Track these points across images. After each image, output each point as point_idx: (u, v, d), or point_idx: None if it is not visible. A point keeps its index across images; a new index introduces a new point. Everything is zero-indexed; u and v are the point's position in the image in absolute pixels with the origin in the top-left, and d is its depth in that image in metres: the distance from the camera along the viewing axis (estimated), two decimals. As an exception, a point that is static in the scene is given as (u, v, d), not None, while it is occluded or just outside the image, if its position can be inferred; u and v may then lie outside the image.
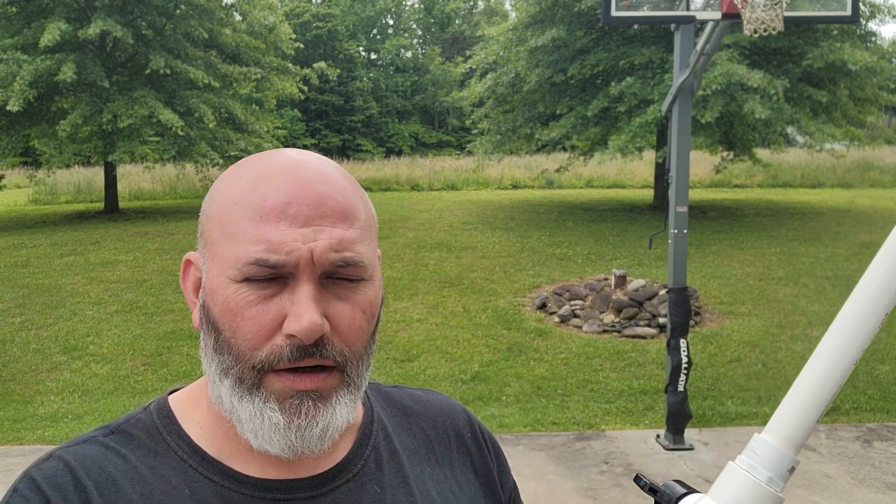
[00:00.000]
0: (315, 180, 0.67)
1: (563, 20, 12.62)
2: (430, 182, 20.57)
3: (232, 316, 0.65)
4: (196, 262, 0.72)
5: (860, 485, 4.16)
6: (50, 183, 18.81)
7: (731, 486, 0.63)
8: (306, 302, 0.64)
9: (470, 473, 0.83)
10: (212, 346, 0.68)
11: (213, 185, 0.72)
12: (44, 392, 5.95)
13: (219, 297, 0.66)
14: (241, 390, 0.66)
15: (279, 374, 0.65)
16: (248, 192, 0.66)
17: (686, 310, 4.65)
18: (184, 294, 0.74)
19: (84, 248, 11.08)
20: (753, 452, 0.64)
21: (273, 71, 16.38)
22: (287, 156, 0.70)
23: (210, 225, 0.69)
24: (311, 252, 0.64)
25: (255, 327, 0.65)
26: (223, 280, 0.66)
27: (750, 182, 20.11)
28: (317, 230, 0.65)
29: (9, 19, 13.95)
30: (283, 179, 0.66)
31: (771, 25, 3.94)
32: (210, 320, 0.68)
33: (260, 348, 0.65)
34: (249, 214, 0.65)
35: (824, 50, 11.33)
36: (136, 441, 0.72)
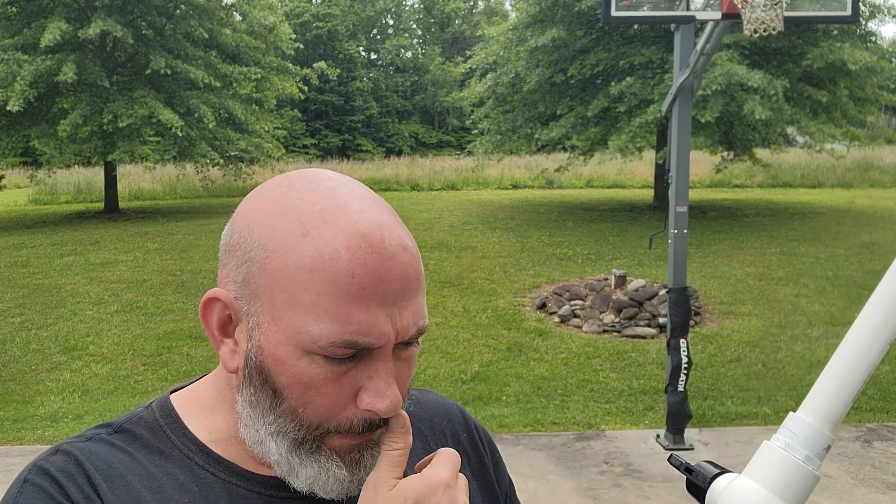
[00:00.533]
0: (398, 250, 0.63)
1: (563, 20, 12.62)
2: (430, 182, 20.58)
3: (304, 388, 0.63)
4: (230, 304, 0.66)
5: (860, 485, 4.16)
6: (50, 183, 18.81)
7: (767, 464, 0.63)
8: (387, 380, 0.63)
9: (467, 472, 0.83)
10: (269, 406, 0.65)
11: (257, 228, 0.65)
12: (44, 392, 5.95)
13: (287, 367, 0.63)
14: (301, 451, 0.65)
15: (342, 435, 0.65)
16: (327, 260, 0.61)
17: (686, 310, 4.65)
18: (205, 328, 0.69)
19: (84, 248, 11.08)
20: (790, 431, 0.63)
21: (273, 71, 16.39)
22: (355, 210, 0.63)
23: (268, 282, 0.63)
24: (397, 332, 0.63)
25: (329, 402, 0.63)
26: (293, 350, 0.62)
27: (750, 182, 20.11)
28: (402, 307, 0.63)
29: (9, 19, 13.95)
30: (369, 250, 0.61)
31: (771, 25, 3.94)
32: (269, 383, 0.64)
33: (332, 420, 0.64)
34: (334, 288, 0.60)
35: (824, 50, 11.33)
36: (139, 440, 0.71)
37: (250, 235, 0.65)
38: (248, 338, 0.65)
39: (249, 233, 0.65)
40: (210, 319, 0.68)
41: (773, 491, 0.61)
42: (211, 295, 0.67)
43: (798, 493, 0.62)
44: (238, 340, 0.67)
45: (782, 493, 0.61)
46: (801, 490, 0.62)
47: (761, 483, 0.62)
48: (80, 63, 12.91)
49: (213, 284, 0.81)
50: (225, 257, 0.68)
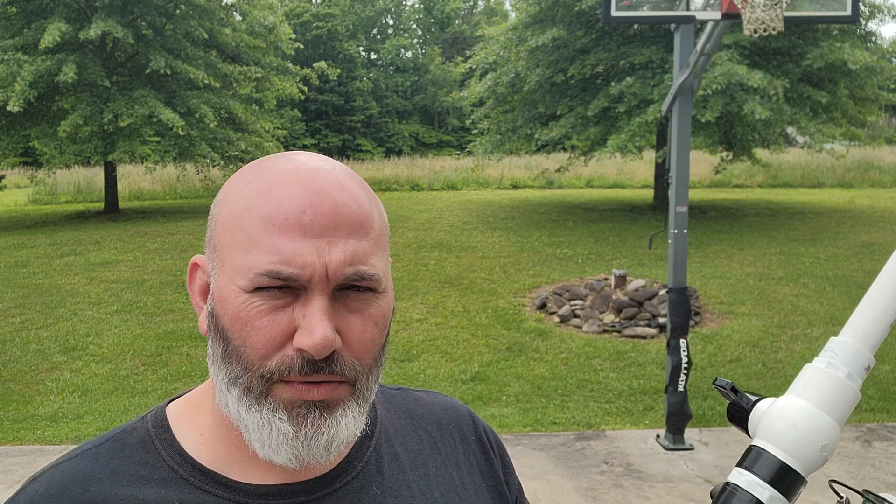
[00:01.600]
0: (331, 188, 0.65)
1: (563, 20, 12.62)
2: (430, 182, 20.58)
3: (242, 325, 0.64)
4: (204, 266, 0.70)
5: (860, 485, 4.16)
6: (50, 183, 18.82)
7: (810, 383, 0.65)
8: (318, 317, 0.63)
9: (476, 475, 0.83)
10: (220, 355, 0.66)
11: (223, 189, 0.70)
12: (44, 392, 5.95)
13: (229, 305, 0.65)
14: (250, 399, 0.65)
15: (289, 384, 0.64)
16: (261, 197, 0.64)
17: (686, 310, 4.65)
18: (190, 297, 0.72)
19: (84, 248, 11.08)
20: (832, 352, 0.66)
21: (273, 71, 16.39)
22: (300, 161, 0.68)
23: (220, 230, 0.67)
24: (325, 266, 0.63)
25: (264, 338, 0.64)
26: (233, 289, 0.64)
27: (750, 182, 20.11)
28: (331, 242, 0.63)
29: (9, 19, 13.95)
30: (298, 186, 0.64)
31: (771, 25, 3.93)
32: (219, 328, 0.66)
33: (269, 358, 0.64)
34: (262, 222, 0.63)
35: (824, 50, 11.33)
36: (128, 450, 0.71)
37: (216, 198, 0.70)
38: (210, 291, 0.68)
39: (216, 199, 0.70)
40: (194, 288, 0.72)
41: (819, 406, 0.64)
42: (192, 261, 0.72)
43: (841, 407, 0.64)
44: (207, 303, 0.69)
45: (828, 409, 0.64)
46: (844, 405, 0.64)
47: (807, 400, 0.64)
48: (80, 63, 12.91)
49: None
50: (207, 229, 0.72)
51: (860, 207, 15.01)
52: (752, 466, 0.64)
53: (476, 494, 0.81)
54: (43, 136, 13.63)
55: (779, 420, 0.65)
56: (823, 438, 0.63)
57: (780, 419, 0.65)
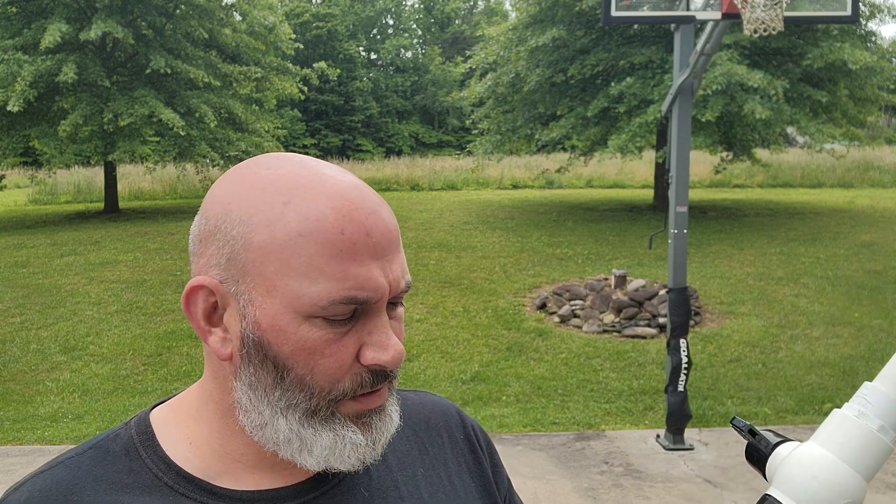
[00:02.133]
0: (379, 206, 0.66)
1: (563, 20, 12.62)
2: (430, 182, 20.59)
3: (309, 354, 0.63)
4: (216, 289, 0.65)
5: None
6: (50, 183, 18.82)
7: (838, 433, 0.60)
8: (388, 333, 0.65)
9: (465, 474, 0.83)
10: (272, 383, 0.65)
11: (235, 207, 0.65)
12: (44, 392, 5.95)
13: (289, 335, 0.63)
14: (314, 421, 0.65)
15: (354, 399, 0.66)
16: (316, 221, 0.62)
17: (686, 310, 4.64)
18: (191, 321, 0.68)
19: (84, 248, 11.08)
20: (865, 400, 0.60)
21: (273, 71, 16.39)
22: (329, 175, 0.65)
23: (257, 255, 0.63)
24: (390, 285, 0.64)
25: (336, 364, 0.64)
26: (293, 317, 0.63)
27: (750, 182, 20.12)
28: (391, 260, 0.65)
29: (9, 19, 13.96)
30: (352, 207, 0.63)
31: (771, 25, 3.93)
32: (270, 357, 0.64)
33: (341, 381, 0.65)
34: (327, 248, 0.62)
35: (824, 50, 11.33)
36: (111, 457, 0.70)
37: (229, 216, 0.65)
38: (242, 317, 0.65)
39: (227, 214, 0.65)
40: (194, 310, 0.67)
41: (843, 459, 0.58)
42: (194, 283, 0.66)
43: (870, 463, 0.59)
44: (228, 326, 0.66)
45: (853, 462, 0.58)
46: (873, 460, 0.59)
47: (831, 451, 0.59)
48: (80, 63, 12.91)
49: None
50: (200, 247, 0.67)
51: (860, 207, 15.01)
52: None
53: (465, 494, 0.81)
54: (43, 136, 13.63)
55: (798, 470, 0.59)
56: (847, 496, 0.58)
57: (800, 470, 0.59)
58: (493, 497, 0.84)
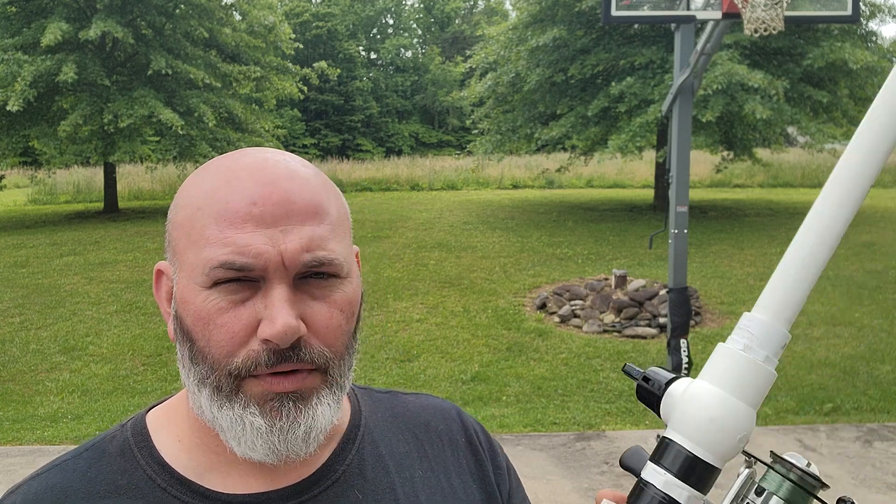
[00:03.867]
0: (280, 177, 0.65)
1: (564, 20, 12.62)
2: (430, 182, 20.58)
3: (204, 324, 0.63)
4: (167, 271, 0.70)
5: (861, 485, 4.15)
6: (50, 183, 18.82)
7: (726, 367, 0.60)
8: (279, 305, 0.62)
9: (466, 475, 0.81)
10: (188, 357, 0.66)
11: (178, 192, 0.70)
12: (43, 392, 5.94)
13: (190, 305, 0.64)
14: (220, 398, 0.64)
15: (258, 379, 0.64)
16: (212, 195, 0.64)
17: (686, 310, 4.64)
18: (158, 305, 0.71)
19: (83, 247, 11.07)
20: (748, 332, 0.61)
21: (273, 70, 16.39)
22: (251, 154, 0.68)
23: (176, 233, 0.67)
24: (280, 254, 0.62)
25: (228, 334, 0.63)
26: (193, 288, 0.64)
27: (750, 182, 20.11)
28: (285, 230, 0.63)
29: (9, 19, 13.95)
30: (247, 179, 0.64)
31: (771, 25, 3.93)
32: (184, 330, 0.66)
33: (235, 355, 0.63)
34: (213, 218, 0.63)
35: (825, 50, 11.32)
36: (107, 458, 0.71)
37: (174, 204, 0.69)
38: (174, 294, 0.67)
39: (174, 203, 0.70)
40: (161, 294, 0.71)
41: (733, 393, 0.59)
42: (156, 267, 0.71)
43: (758, 393, 0.60)
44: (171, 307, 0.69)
45: (744, 396, 0.59)
46: (761, 390, 0.60)
47: (723, 387, 0.60)
48: (80, 63, 12.91)
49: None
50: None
51: (861, 207, 14.94)
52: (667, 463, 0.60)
53: (466, 496, 0.80)
54: (43, 135, 13.63)
55: (693, 410, 0.60)
56: (742, 429, 0.59)
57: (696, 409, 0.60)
58: (495, 499, 0.82)
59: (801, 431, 4.93)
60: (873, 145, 0.61)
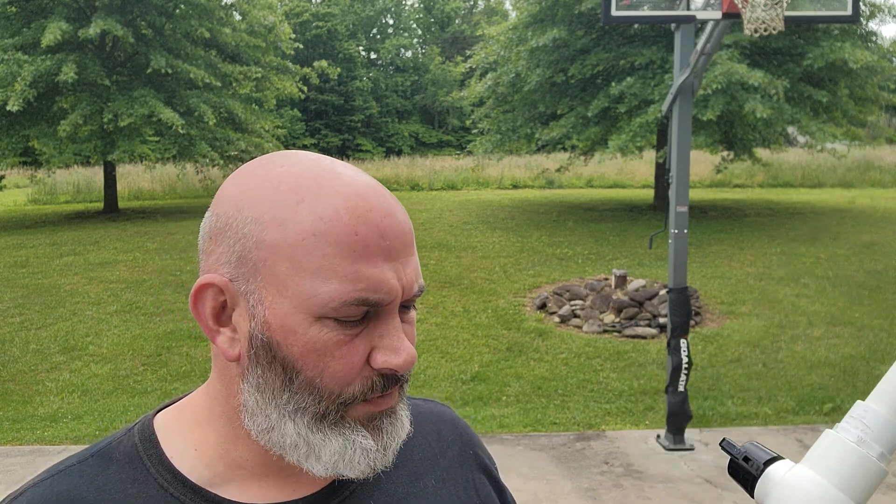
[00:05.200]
0: (395, 208, 0.64)
1: (564, 20, 12.61)
2: (430, 182, 20.58)
3: (319, 356, 0.62)
4: (225, 287, 0.64)
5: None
6: (49, 183, 18.81)
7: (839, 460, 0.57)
8: (400, 336, 0.64)
9: (472, 491, 0.81)
10: (280, 385, 0.63)
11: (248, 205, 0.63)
12: (43, 392, 5.94)
13: (298, 336, 0.62)
14: (323, 425, 0.64)
15: (365, 402, 0.65)
16: (329, 222, 0.61)
17: (686, 310, 4.64)
18: (198, 320, 0.67)
19: (83, 247, 11.07)
20: (863, 424, 0.57)
21: (273, 70, 16.39)
22: (345, 175, 0.64)
23: (268, 254, 0.61)
24: (403, 288, 0.63)
25: (346, 366, 0.63)
26: (303, 318, 0.61)
27: (750, 182, 20.11)
28: (404, 263, 0.64)
29: (8, 19, 13.95)
30: (368, 208, 0.62)
31: (771, 25, 3.93)
32: (279, 358, 0.63)
33: (351, 384, 0.63)
34: (340, 249, 0.60)
35: (825, 49, 11.32)
36: (115, 466, 0.68)
37: (240, 213, 0.63)
38: (251, 317, 0.63)
39: (239, 211, 0.64)
40: (202, 309, 0.66)
41: (840, 487, 0.56)
42: (204, 281, 0.65)
43: (868, 491, 0.57)
44: (237, 326, 0.65)
45: (852, 492, 0.56)
46: (871, 487, 0.57)
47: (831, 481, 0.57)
48: (80, 63, 12.91)
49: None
50: (210, 244, 0.66)
51: (861, 207, 15.00)
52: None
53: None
54: (42, 135, 13.63)
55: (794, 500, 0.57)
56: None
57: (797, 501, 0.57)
58: None
59: (802, 431, 4.93)
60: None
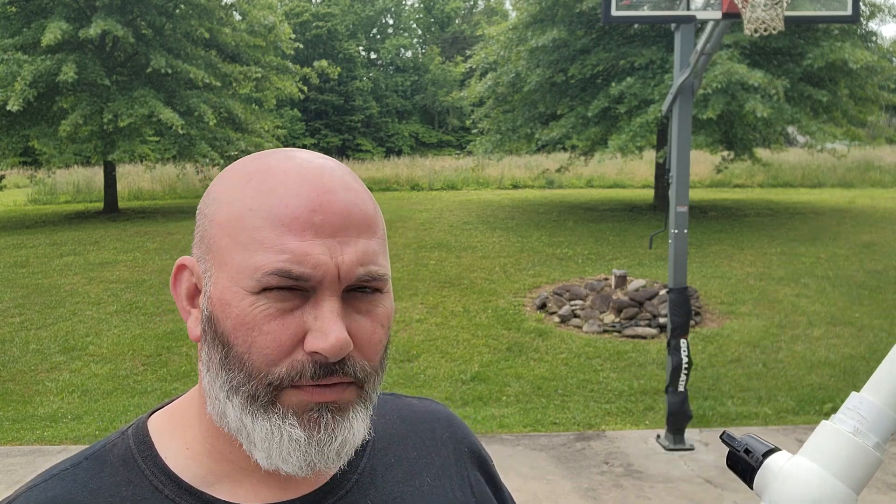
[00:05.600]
0: (339, 187, 0.63)
1: (564, 20, 12.61)
2: (430, 182, 20.57)
3: (248, 330, 0.61)
4: (193, 267, 0.67)
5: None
6: (49, 183, 18.81)
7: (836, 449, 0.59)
8: (332, 318, 0.61)
9: (467, 488, 0.81)
10: (218, 362, 0.63)
11: (214, 187, 0.67)
12: (43, 392, 5.94)
13: (232, 309, 0.62)
14: (255, 408, 0.62)
15: (298, 389, 0.62)
16: (266, 196, 0.62)
17: (686, 310, 4.64)
18: (175, 300, 0.69)
19: (83, 247, 11.07)
20: (858, 415, 0.60)
21: (273, 70, 16.39)
22: (301, 158, 0.65)
23: (217, 231, 0.64)
24: (338, 267, 0.61)
25: (274, 342, 0.61)
26: (237, 291, 0.61)
27: (750, 182, 20.10)
28: (342, 242, 0.62)
29: (8, 19, 13.95)
30: (306, 185, 0.62)
31: (771, 25, 3.93)
32: (218, 333, 0.63)
33: (278, 364, 0.61)
34: (269, 221, 0.61)
35: (825, 49, 11.32)
36: (109, 468, 0.68)
37: (208, 198, 0.68)
38: (205, 294, 0.65)
39: (207, 195, 0.68)
40: (179, 290, 0.69)
41: (839, 477, 0.58)
42: (179, 262, 0.68)
43: (864, 478, 0.59)
44: (201, 307, 0.66)
45: (849, 480, 0.58)
46: (867, 476, 0.59)
47: (829, 470, 0.58)
48: (80, 63, 12.90)
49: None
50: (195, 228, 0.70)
51: (861, 207, 15.00)
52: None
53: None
54: (42, 135, 13.62)
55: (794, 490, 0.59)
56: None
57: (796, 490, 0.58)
58: None
59: (802, 431, 4.93)
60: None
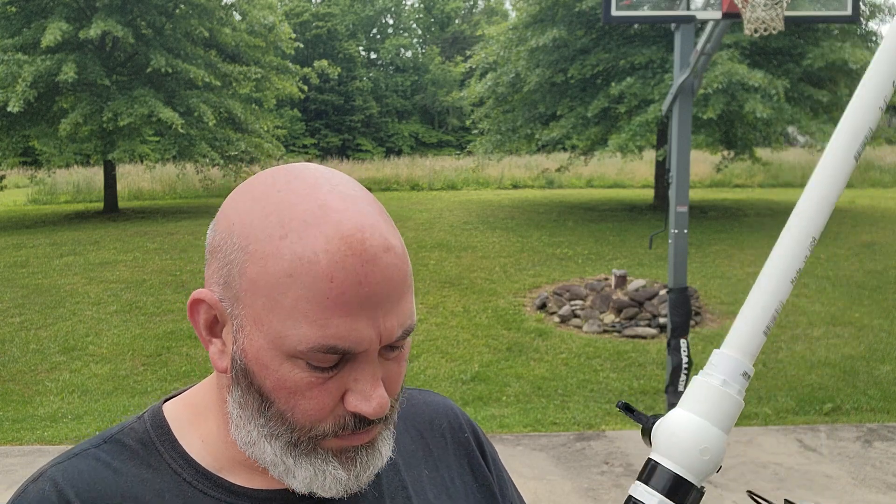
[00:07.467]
0: (380, 249, 0.60)
1: (564, 20, 12.61)
2: (430, 182, 20.57)
3: (289, 393, 0.62)
4: (214, 306, 0.65)
5: (861, 485, 4.15)
6: (49, 183, 18.80)
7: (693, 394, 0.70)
8: (373, 382, 0.63)
9: (467, 476, 0.82)
10: (257, 409, 0.64)
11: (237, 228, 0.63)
12: (43, 392, 5.94)
13: (271, 372, 0.62)
14: (296, 452, 0.65)
15: (338, 437, 0.65)
16: (307, 265, 0.59)
17: (686, 310, 4.64)
18: (195, 328, 0.68)
19: (83, 248, 11.07)
20: (711, 364, 0.71)
21: (273, 70, 16.39)
22: (337, 212, 0.61)
23: (249, 286, 0.61)
24: (380, 336, 0.61)
25: (315, 406, 0.63)
26: (276, 355, 0.61)
27: (750, 182, 20.10)
28: (386, 311, 0.61)
29: (8, 19, 13.95)
30: (350, 255, 0.59)
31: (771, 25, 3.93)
32: (255, 386, 0.64)
33: (322, 422, 0.64)
34: (313, 293, 0.59)
35: (825, 49, 11.33)
36: (129, 451, 0.70)
37: (231, 237, 0.64)
38: (234, 340, 0.65)
39: (230, 234, 0.64)
40: (197, 319, 0.67)
41: (695, 412, 0.68)
42: (195, 297, 0.66)
43: (720, 412, 0.68)
44: (225, 340, 0.66)
45: (703, 413, 0.68)
46: (722, 410, 0.68)
47: (686, 409, 0.69)
48: (80, 63, 12.90)
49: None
50: (209, 257, 0.67)
51: (861, 207, 15.00)
52: (646, 479, 0.68)
53: (467, 496, 0.80)
54: (42, 135, 13.63)
55: (664, 432, 0.69)
56: (701, 442, 0.66)
57: (665, 430, 0.69)
58: (496, 500, 0.83)
59: (801, 431, 4.93)
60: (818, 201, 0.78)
